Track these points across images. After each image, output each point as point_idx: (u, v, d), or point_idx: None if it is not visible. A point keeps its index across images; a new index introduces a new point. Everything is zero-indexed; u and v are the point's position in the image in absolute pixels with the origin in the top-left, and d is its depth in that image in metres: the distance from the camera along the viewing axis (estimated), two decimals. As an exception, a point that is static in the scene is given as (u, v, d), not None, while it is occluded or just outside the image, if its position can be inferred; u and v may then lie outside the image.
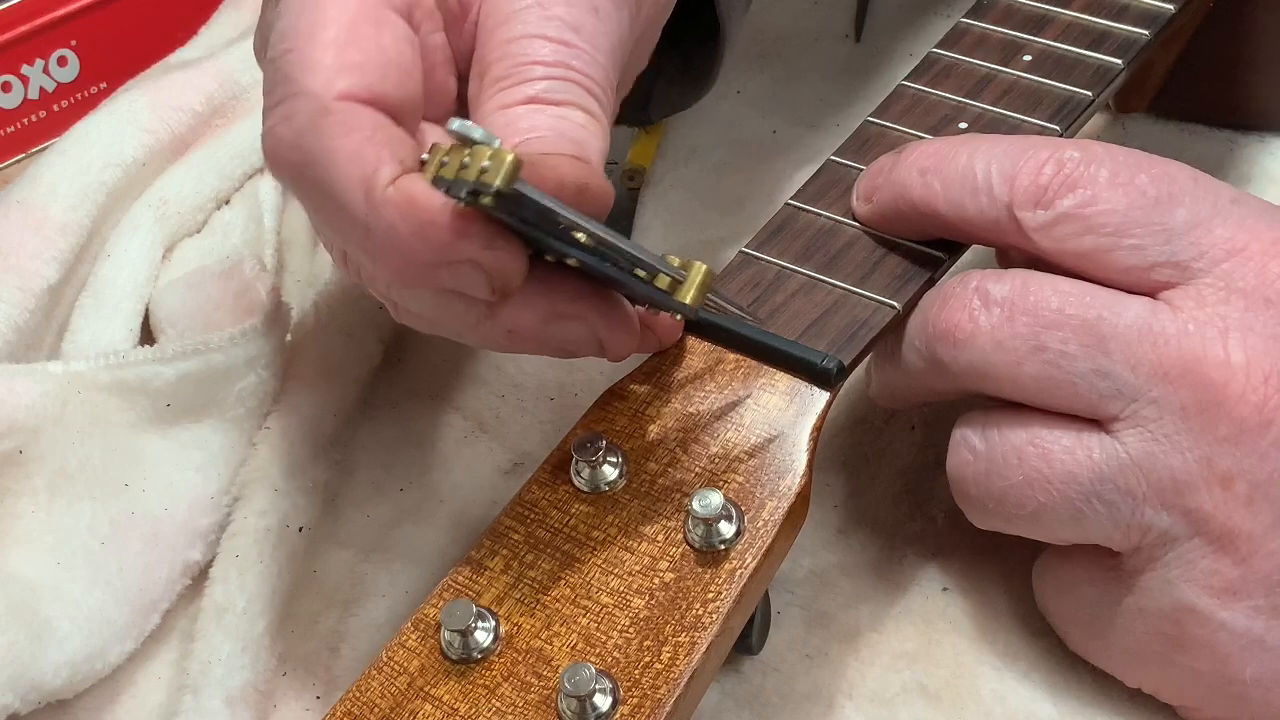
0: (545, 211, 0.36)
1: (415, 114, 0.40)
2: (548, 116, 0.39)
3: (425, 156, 0.37)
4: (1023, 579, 0.45)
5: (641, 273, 0.38)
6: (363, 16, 0.39)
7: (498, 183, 0.35)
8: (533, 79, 0.39)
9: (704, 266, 0.38)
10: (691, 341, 0.43)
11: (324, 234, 0.42)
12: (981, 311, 0.41)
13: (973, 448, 0.41)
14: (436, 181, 0.36)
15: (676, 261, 0.38)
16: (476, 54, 0.41)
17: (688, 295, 0.38)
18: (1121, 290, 0.40)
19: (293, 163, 0.38)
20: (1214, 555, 0.38)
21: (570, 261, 0.38)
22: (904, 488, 0.50)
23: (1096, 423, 0.40)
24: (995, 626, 0.46)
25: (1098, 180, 0.40)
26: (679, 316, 0.41)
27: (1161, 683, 0.42)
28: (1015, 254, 0.43)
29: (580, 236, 0.37)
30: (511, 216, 0.36)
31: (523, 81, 0.40)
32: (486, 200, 0.35)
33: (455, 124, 0.36)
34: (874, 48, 0.68)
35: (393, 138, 0.38)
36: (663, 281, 0.38)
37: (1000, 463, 0.41)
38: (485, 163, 0.35)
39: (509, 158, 0.34)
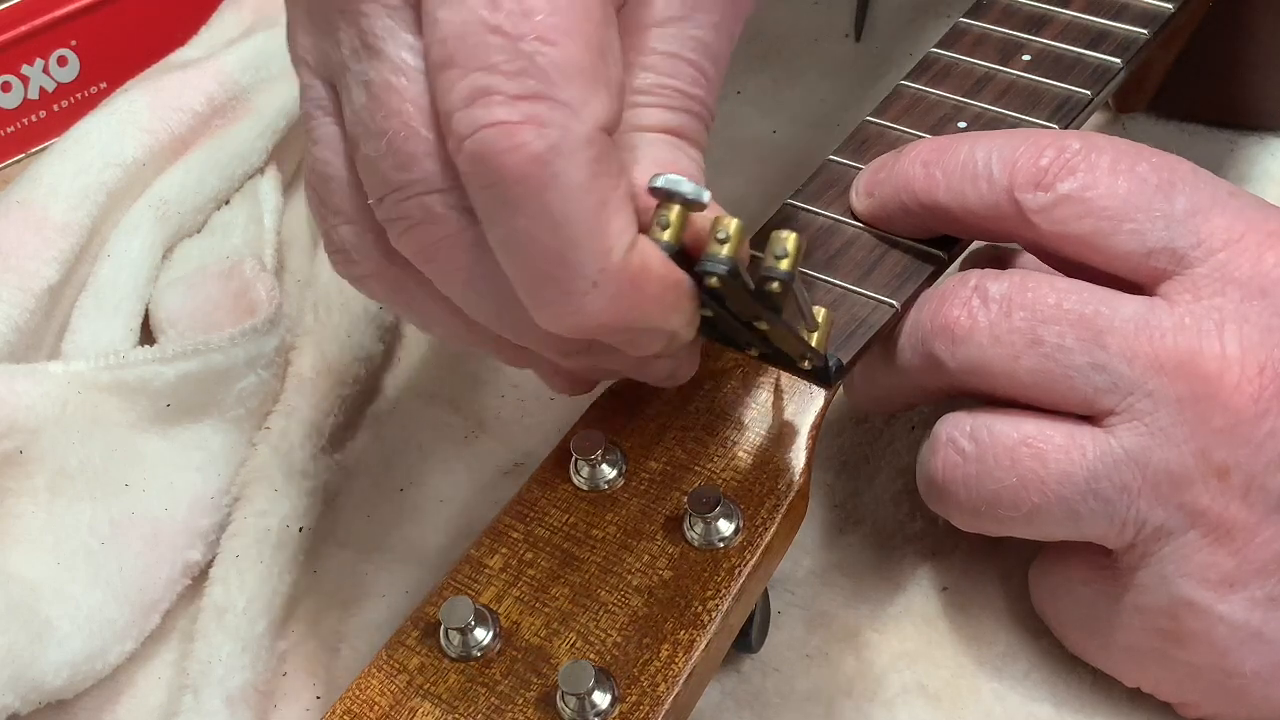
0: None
1: None
2: (685, 158, 0.38)
3: None
4: (1022, 579, 0.45)
5: (764, 326, 0.38)
6: (605, 15, 0.34)
7: (726, 252, 0.34)
8: (674, 107, 0.38)
9: (824, 311, 0.40)
10: None
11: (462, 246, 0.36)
12: (980, 308, 0.41)
13: (961, 450, 0.41)
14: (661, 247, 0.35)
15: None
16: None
17: (814, 338, 0.39)
18: (1118, 277, 0.40)
19: (523, 176, 0.32)
20: (1210, 548, 0.38)
21: (705, 313, 0.38)
22: (904, 488, 0.50)
23: (1089, 421, 0.40)
24: (995, 626, 0.46)
25: (1099, 166, 0.40)
26: (805, 364, 0.41)
27: (1160, 680, 0.42)
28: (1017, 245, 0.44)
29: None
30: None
31: (666, 107, 0.38)
32: (713, 282, 0.35)
33: (661, 180, 0.34)
34: (874, 48, 0.68)
35: (628, 188, 0.35)
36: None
37: (992, 464, 0.40)
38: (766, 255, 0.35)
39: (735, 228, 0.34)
